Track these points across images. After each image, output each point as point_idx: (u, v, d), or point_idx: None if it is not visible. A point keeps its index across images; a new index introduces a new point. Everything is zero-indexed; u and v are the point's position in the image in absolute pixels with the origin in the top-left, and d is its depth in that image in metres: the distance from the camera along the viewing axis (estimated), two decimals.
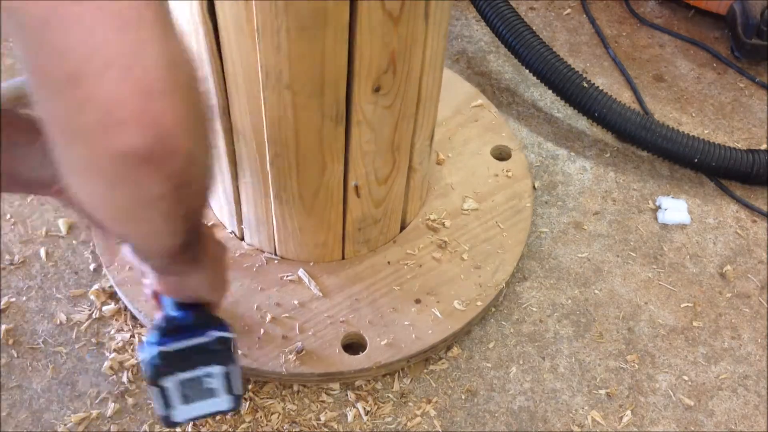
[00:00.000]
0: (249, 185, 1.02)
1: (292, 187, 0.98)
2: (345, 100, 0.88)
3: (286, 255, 1.11)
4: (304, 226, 1.04)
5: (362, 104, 0.89)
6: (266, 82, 0.84)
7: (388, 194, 1.05)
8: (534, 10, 1.64)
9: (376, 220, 1.08)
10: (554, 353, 1.12)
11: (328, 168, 0.96)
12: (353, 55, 0.83)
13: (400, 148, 1.00)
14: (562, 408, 1.07)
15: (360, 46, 0.82)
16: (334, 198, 1.00)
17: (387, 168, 1.01)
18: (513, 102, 1.46)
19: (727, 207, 1.32)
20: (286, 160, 0.94)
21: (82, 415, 1.02)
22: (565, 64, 1.35)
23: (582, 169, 1.36)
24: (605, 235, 1.27)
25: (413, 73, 0.91)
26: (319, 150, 0.93)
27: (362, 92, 0.87)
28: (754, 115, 1.46)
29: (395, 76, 0.88)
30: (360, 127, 0.92)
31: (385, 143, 0.97)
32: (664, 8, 1.65)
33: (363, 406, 1.05)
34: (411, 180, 1.08)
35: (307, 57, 0.81)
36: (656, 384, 1.10)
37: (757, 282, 1.22)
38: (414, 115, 0.98)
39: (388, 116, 0.93)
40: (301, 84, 0.84)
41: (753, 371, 1.13)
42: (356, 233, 1.08)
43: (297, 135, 0.90)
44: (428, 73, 0.94)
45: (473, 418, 1.06)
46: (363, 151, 0.96)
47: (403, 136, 0.99)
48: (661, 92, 1.49)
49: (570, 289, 1.20)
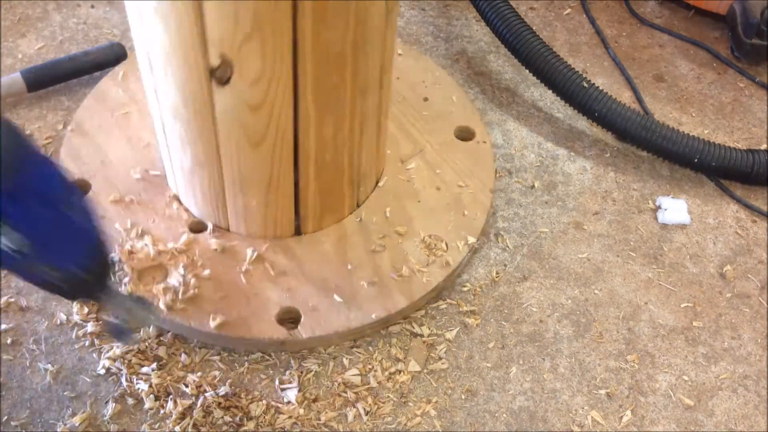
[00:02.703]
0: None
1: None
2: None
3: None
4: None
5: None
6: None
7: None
8: (534, 10, 1.64)
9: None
10: (554, 353, 1.12)
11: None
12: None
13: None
14: (562, 408, 1.07)
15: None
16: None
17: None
18: (513, 102, 1.46)
19: (727, 207, 1.32)
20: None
21: (82, 415, 1.02)
22: (565, 64, 1.35)
23: (582, 169, 1.36)
24: (605, 235, 1.27)
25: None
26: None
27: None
28: (754, 115, 1.46)
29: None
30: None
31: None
32: (664, 8, 1.65)
33: (363, 406, 1.05)
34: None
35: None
36: (656, 384, 1.10)
37: (757, 282, 1.22)
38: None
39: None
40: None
41: (753, 371, 1.13)
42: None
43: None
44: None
45: (473, 418, 1.06)
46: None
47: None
48: (661, 92, 1.49)
49: (570, 289, 1.20)
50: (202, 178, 1.06)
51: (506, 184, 1.32)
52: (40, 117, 1.36)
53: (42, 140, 1.32)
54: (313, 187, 1.07)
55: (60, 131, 1.34)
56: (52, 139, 1.33)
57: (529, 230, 1.26)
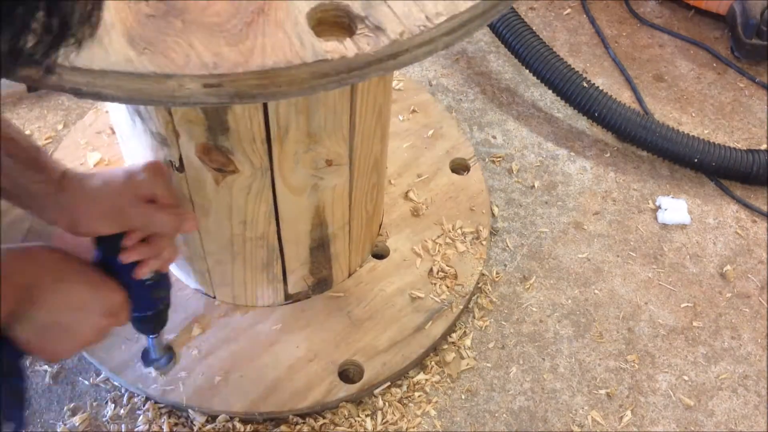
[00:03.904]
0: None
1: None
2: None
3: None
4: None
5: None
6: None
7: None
8: (534, 10, 1.63)
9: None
10: (554, 353, 1.12)
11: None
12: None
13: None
14: (562, 408, 1.07)
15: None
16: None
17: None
18: (513, 102, 1.46)
19: (727, 207, 1.32)
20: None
21: (82, 415, 1.02)
22: (565, 64, 1.35)
23: (582, 169, 1.36)
24: (605, 235, 1.27)
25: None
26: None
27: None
28: (754, 115, 1.46)
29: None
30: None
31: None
32: (664, 8, 1.65)
33: (363, 407, 1.05)
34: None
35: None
36: (656, 384, 1.10)
37: (757, 282, 1.22)
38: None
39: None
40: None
41: (753, 371, 1.13)
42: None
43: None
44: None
45: (473, 418, 1.06)
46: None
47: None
48: (661, 92, 1.49)
49: (570, 289, 1.20)
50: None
51: (506, 184, 1.32)
52: (40, 117, 1.36)
53: (42, 140, 1.32)
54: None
55: (60, 131, 1.34)
56: (51, 139, 1.33)
57: (529, 230, 1.26)
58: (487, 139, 1.39)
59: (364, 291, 1.12)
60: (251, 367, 1.03)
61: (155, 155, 0.87)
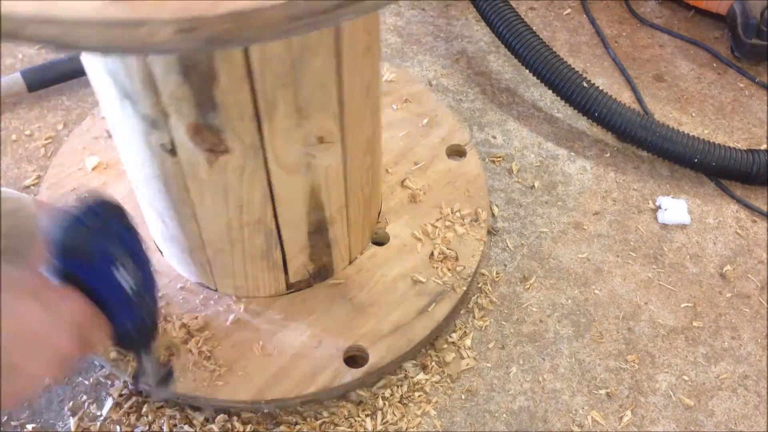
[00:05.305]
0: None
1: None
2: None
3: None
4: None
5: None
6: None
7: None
8: (534, 10, 1.64)
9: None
10: (554, 353, 1.12)
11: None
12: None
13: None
14: (562, 408, 1.07)
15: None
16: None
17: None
18: (513, 102, 1.46)
19: (727, 207, 1.32)
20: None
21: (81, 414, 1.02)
22: (565, 64, 1.35)
23: (582, 169, 1.36)
24: (605, 235, 1.27)
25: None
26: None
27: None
28: (754, 115, 1.46)
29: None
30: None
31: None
32: (664, 8, 1.65)
33: (363, 407, 1.05)
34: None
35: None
36: (656, 384, 1.10)
37: (757, 282, 1.22)
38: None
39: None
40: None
41: (753, 371, 1.13)
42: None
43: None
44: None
45: (473, 418, 1.06)
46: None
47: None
48: (661, 92, 1.49)
49: (570, 289, 1.20)
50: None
51: (506, 184, 1.32)
52: (40, 117, 1.36)
53: (42, 140, 1.32)
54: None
55: (60, 131, 1.34)
56: (51, 139, 1.33)
57: (529, 230, 1.26)
58: (487, 139, 1.39)
59: (365, 277, 1.12)
60: (255, 357, 1.03)
61: (146, 140, 0.87)
